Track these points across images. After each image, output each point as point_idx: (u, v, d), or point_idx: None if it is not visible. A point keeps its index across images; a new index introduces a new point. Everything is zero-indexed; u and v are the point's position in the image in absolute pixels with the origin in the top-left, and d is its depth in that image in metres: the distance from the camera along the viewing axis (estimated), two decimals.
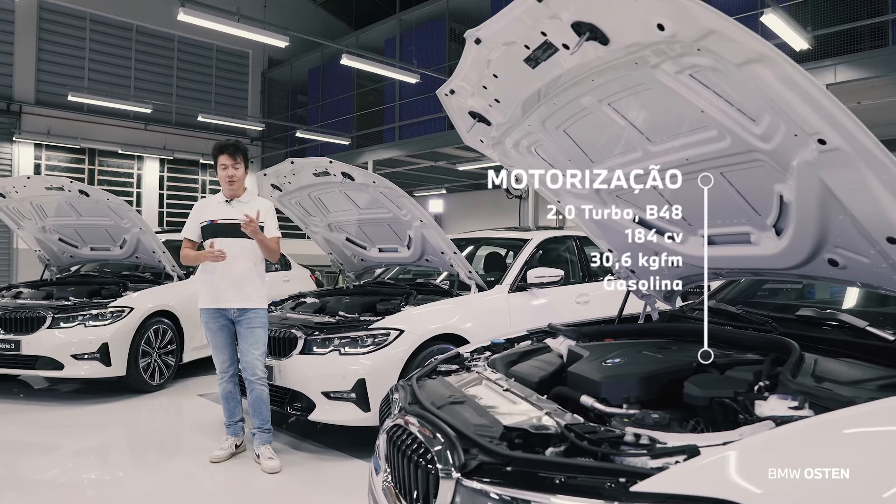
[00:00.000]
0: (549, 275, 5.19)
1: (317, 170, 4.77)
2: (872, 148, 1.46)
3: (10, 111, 13.11)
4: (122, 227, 6.36)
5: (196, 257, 4.04)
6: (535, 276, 5.18)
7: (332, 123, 15.65)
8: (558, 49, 1.80)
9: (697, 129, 1.89)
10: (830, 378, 1.70)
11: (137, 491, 3.75)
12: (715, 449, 1.32)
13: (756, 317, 2.43)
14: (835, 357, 1.97)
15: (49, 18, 13.74)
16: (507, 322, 4.76)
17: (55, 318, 5.54)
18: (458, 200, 21.90)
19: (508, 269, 5.38)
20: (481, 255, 6.66)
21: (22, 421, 5.20)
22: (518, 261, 5.43)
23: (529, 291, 5.27)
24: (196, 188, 16.48)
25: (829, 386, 1.60)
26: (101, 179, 14.58)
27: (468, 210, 20.93)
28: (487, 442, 1.56)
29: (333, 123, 15.64)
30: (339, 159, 14.71)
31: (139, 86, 15.01)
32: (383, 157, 14.19)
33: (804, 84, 1.45)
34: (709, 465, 1.27)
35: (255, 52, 17.05)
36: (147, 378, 5.93)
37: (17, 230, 6.76)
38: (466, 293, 5.03)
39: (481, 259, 6.50)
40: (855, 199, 1.62)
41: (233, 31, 8.65)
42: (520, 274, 5.31)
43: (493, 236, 6.54)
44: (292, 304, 5.35)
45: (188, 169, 16.24)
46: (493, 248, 6.44)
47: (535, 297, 5.29)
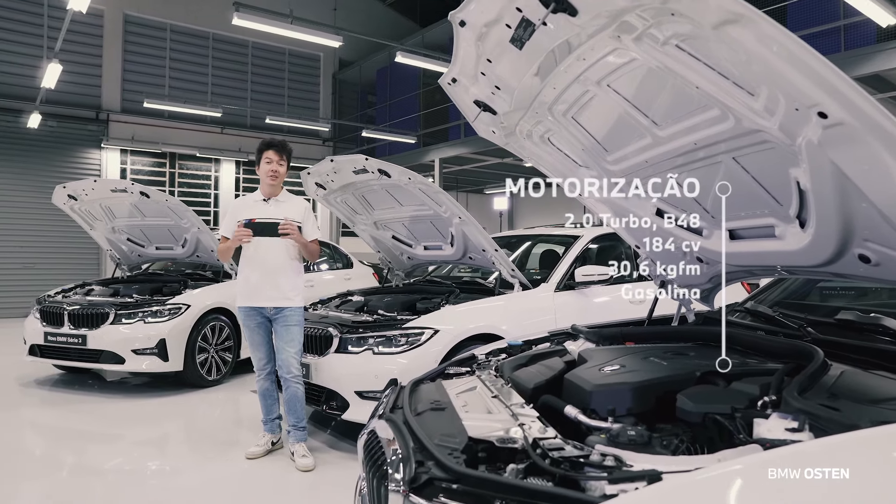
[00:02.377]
0: (599, 273, 4.96)
1: (355, 167, 4.75)
2: (882, 121, 1.23)
3: (99, 119, 13.91)
4: (182, 226, 6.58)
5: (228, 246, 4.07)
6: (584, 275, 4.96)
7: (400, 122, 15.74)
8: (537, 26, 1.65)
9: (700, 109, 1.70)
10: (850, 394, 1.46)
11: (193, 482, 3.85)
12: (678, 477, 1.14)
13: (792, 320, 2.17)
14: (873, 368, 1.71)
15: (133, 31, 14.50)
16: (552, 322, 4.58)
17: (117, 314, 5.79)
18: (529, 198, 21.57)
19: (555, 267, 5.18)
20: (537, 252, 6.48)
21: (89, 411, 5.47)
22: (566, 258, 5.22)
23: (578, 290, 5.06)
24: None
25: (843, 404, 1.37)
26: (180, 182, 15.27)
27: (540, 207, 20.56)
28: (446, 454, 1.43)
29: (400, 122, 15.73)
30: (406, 158, 14.88)
31: (216, 91, 15.60)
32: (449, 154, 14.13)
33: (791, 47, 1.24)
34: (664, 495, 1.09)
35: (326, 54, 17.38)
36: (204, 373, 6.10)
37: (90, 231, 7.12)
38: (510, 292, 4.87)
39: (537, 257, 6.32)
40: (870, 181, 1.39)
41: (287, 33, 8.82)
42: (568, 272, 5.10)
43: (543, 233, 6.34)
44: (337, 302, 5.35)
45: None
46: (550, 246, 6.24)
47: (585, 296, 5.07)
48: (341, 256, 9.03)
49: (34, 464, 4.29)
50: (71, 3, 6.16)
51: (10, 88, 12.82)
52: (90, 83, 13.90)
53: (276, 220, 4.03)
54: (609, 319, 3.26)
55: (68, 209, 6.74)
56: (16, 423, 5.23)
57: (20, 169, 12.87)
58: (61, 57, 10.42)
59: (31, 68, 12.44)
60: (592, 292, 5.11)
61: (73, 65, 13.41)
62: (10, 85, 12.83)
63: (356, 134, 16.51)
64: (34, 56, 12.60)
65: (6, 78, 12.83)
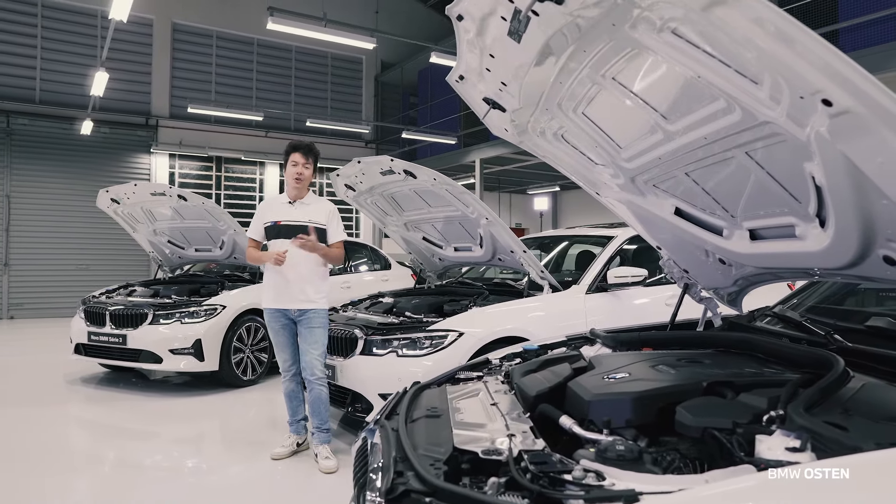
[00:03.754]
0: (633, 275, 4.81)
1: (382, 168, 4.73)
2: (892, 107, 1.11)
3: (149, 125, 14.35)
4: (220, 229, 6.69)
5: (259, 258, 4.11)
6: (617, 276, 4.82)
7: (440, 123, 15.73)
8: (523, 15, 1.57)
9: (706, 100, 1.59)
10: (867, 410, 1.33)
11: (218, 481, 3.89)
12: (656, 499, 1.05)
13: (820, 326, 2.03)
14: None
15: (181, 38, 14.90)
16: (583, 325, 4.45)
17: (156, 315, 5.91)
18: (572, 197, 21.30)
19: (587, 269, 5.05)
20: (573, 253, 6.34)
21: (130, 409, 5.60)
22: (598, 260, 5.08)
23: (611, 292, 4.92)
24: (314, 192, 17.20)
25: (854, 422, 1.25)
26: (226, 185, 15.61)
27: (583, 206, 20.27)
28: (428, 465, 1.37)
29: (441, 123, 15.72)
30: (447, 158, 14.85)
31: (260, 95, 15.91)
32: (490, 155, 14.03)
33: (785, 28, 1.13)
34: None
35: (368, 57, 17.52)
36: (239, 373, 6.18)
37: (132, 233, 7.32)
38: (539, 294, 4.77)
39: (573, 258, 6.19)
40: (886, 175, 1.26)
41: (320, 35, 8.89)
42: (600, 273, 4.96)
43: (578, 234, 6.19)
44: (367, 304, 5.34)
45: None
46: (587, 247, 6.09)
47: (618, 298, 4.93)
48: (379, 258, 9.04)
49: (79, 458, 4.41)
50: (112, 13, 6.34)
51: (66, 97, 13.35)
52: (140, 90, 14.35)
53: (301, 222, 4.04)
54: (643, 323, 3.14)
55: (111, 212, 6.95)
56: (62, 418, 5.40)
57: (75, 174, 13.38)
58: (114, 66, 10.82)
59: (85, 77, 12.91)
60: (627, 294, 4.97)
61: (124, 73, 13.90)
62: (65, 94, 13.36)
63: (398, 136, 16.58)
64: (88, 66, 13.08)
65: (62, 87, 13.36)
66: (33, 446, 4.52)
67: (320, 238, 4.06)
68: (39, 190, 13.13)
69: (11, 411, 5.48)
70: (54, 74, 13.35)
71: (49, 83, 13.30)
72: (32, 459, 4.22)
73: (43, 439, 4.70)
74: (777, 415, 1.34)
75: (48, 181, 13.21)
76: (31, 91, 13.14)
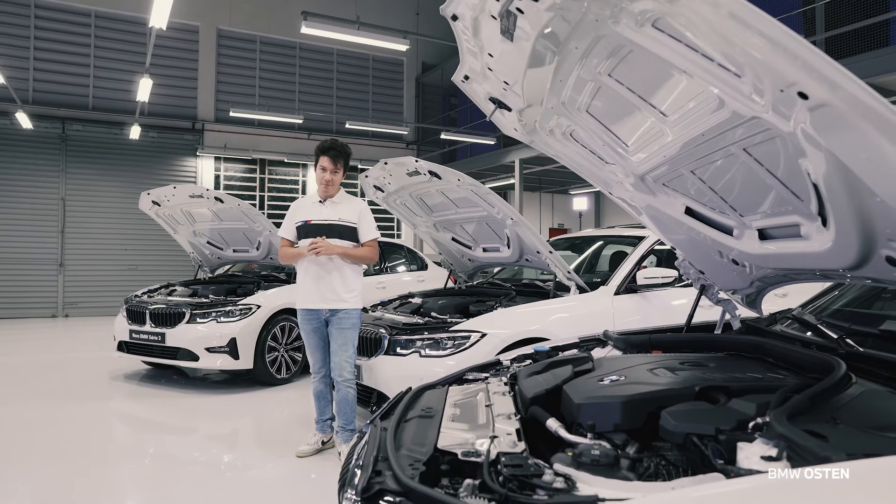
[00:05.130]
0: (663, 276, 4.72)
1: (408, 169, 4.75)
2: (869, 101, 1.06)
3: (195, 129, 14.77)
4: (256, 230, 6.83)
5: (292, 255, 4.16)
6: (646, 277, 4.74)
7: (480, 124, 15.71)
8: (516, 14, 1.56)
9: (696, 96, 1.54)
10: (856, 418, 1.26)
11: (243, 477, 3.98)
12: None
13: (835, 330, 1.95)
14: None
15: (225, 44, 15.29)
16: (610, 325, 4.38)
17: (193, 314, 6.08)
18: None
19: (616, 270, 4.97)
20: (607, 254, 6.25)
21: (170, 405, 5.77)
22: (628, 261, 5.00)
23: (641, 294, 4.83)
24: (356, 192, 17.42)
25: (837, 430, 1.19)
26: (270, 187, 15.94)
27: None
28: (408, 465, 1.38)
29: (481, 124, 15.69)
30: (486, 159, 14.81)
31: (302, 98, 16.19)
32: (529, 155, 13.93)
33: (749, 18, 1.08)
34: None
35: (409, 59, 17.63)
36: (273, 372, 6.30)
37: (173, 234, 7.54)
38: (566, 294, 4.72)
39: (607, 258, 6.10)
40: (871, 172, 1.20)
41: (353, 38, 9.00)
42: (630, 274, 4.88)
43: (610, 234, 6.10)
44: (397, 304, 5.37)
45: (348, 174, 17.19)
46: (621, 247, 6.00)
47: (647, 299, 4.84)
48: (416, 259, 9.09)
49: (120, 452, 4.56)
50: (152, 21, 6.54)
51: (117, 103, 13.85)
52: (187, 95, 14.78)
53: (331, 221, 4.09)
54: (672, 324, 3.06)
55: (153, 214, 7.17)
56: (106, 413, 5.60)
57: (125, 178, 13.87)
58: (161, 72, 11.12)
59: (134, 84, 13.38)
60: (657, 296, 4.87)
61: (171, 78, 14.34)
62: (116, 100, 13.86)
63: (438, 136, 16.64)
64: (137, 73, 13.54)
65: (113, 94, 13.87)
66: (78, 439, 4.71)
67: (351, 237, 4.10)
68: (92, 193, 13.66)
69: (58, 406, 5.71)
70: (106, 81, 13.87)
71: (101, 90, 13.83)
72: (77, 452, 4.39)
73: (87, 433, 4.90)
74: (763, 422, 1.29)
75: (100, 185, 13.74)
76: (85, 98, 13.68)
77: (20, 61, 13.16)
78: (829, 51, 8.02)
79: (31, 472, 4.03)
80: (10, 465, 4.14)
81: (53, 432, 4.90)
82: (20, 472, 4.04)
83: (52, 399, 5.95)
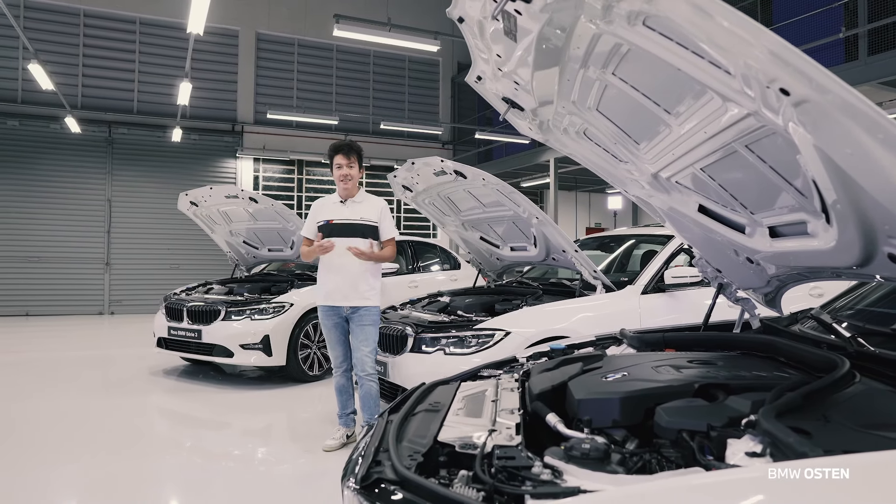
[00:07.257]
0: (691, 275, 4.66)
1: (434, 169, 4.79)
2: (847, 97, 1.05)
3: (235, 131, 15.12)
4: (289, 229, 6.98)
5: (309, 252, 4.25)
6: (674, 277, 4.69)
7: None
8: (515, 15, 1.58)
9: (696, 94, 1.55)
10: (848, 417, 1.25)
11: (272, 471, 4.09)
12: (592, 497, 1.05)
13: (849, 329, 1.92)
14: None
15: (264, 48, 15.61)
16: (637, 324, 4.36)
17: (228, 311, 6.24)
18: None
19: (644, 269, 4.93)
20: (637, 253, 6.20)
21: (205, 400, 5.95)
22: (655, 260, 4.95)
23: (669, 293, 4.78)
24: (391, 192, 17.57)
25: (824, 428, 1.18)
26: (307, 187, 16.20)
27: None
28: (407, 456, 1.42)
29: None
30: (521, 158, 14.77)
31: (339, 100, 16.42)
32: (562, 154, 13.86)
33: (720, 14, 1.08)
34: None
35: (445, 59, 17.71)
36: (306, 369, 6.42)
37: (211, 234, 7.74)
38: (593, 293, 4.70)
39: (638, 258, 6.05)
40: (855, 166, 1.19)
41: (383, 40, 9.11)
42: (657, 274, 4.83)
43: (640, 233, 6.05)
44: (425, 303, 5.43)
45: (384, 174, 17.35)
46: (652, 246, 5.94)
47: (676, 299, 4.78)
48: (449, 258, 9.13)
49: (158, 445, 4.72)
50: (190, 27, 6.74)
51: (160, 107, 14.28)
52: (227, 98, 15.14)
53: (353, 220, 4.17)
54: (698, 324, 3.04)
55: (191, 214, 7.37)
56: (145, 408, 5.79)
57: (166, 179, 14.28)
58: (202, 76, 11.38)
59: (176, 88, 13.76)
60: (685, 295, 4.81)
61: (212, 82, 14.70)
62: (159, 104, 14.29)
63: (473, 136, 16.67)
64: (180, 77, 13.93)
65: (157, 98, 14.30)
66: (117, 433, 4.89)
67: (374, 235, 4.18)
68: (136, 194, 14.11)
69: (100, 400, 5.94)
70: (150, 86, 14.30)
71: (145, 94, 14.27)
72: (115, 445, 4.56)
73: (127, 426, 5.08)
74: (755, 419, 1.29)
75: (144, 186, 14.18)
76: (130, 102, 14.13)
77: (70, 68, 13.67)
78: (872, 43, 7.78)
79: (71, 461, 4.21)
80: (54, 454, 4.33)
81: (95, 425, 5.10)
82: (61, 461, 4.22)
83: (94, 393, 6.19)
